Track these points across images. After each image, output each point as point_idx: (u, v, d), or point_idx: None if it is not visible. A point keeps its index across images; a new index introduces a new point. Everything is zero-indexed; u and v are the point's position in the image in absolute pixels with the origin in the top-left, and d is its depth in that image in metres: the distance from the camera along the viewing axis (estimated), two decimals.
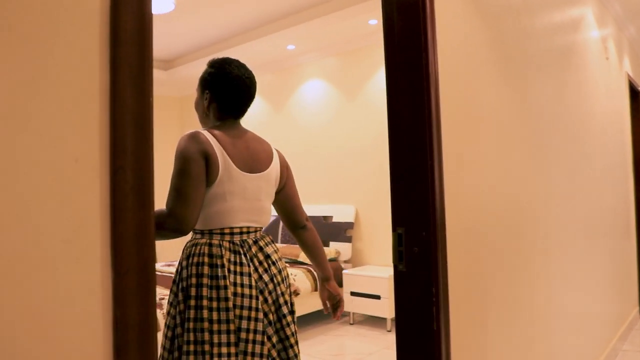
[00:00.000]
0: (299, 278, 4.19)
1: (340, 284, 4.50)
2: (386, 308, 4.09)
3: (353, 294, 4.32)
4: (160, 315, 3.07)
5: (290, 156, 5.51)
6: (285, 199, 1.86)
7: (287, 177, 1.86)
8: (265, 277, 1.63)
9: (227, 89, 1.72)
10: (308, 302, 4.28)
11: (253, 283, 1.58)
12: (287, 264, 4.58)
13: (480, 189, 1.68)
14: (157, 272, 4.47)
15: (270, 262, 1.67)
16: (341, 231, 4.78)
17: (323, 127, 5.18)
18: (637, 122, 4.66)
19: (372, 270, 4.36)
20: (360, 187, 4.83)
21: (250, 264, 1.61)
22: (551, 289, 2.25)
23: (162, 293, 3.48)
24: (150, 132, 0.76)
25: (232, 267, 1.58)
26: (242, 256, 1.60)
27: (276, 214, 1.96)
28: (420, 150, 1.37)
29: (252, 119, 5.96)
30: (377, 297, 4.14)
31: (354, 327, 4.34)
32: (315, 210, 5.12)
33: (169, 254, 6.68)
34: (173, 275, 1.67)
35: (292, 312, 1.73)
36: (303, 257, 4.57)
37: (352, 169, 4.90)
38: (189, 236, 1.68)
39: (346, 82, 4.97)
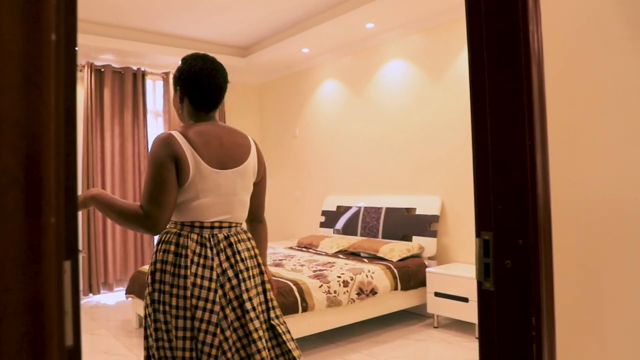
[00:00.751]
0: (377, 275, 3.85)
1: (423, 283, 4.11)
2: (475, 312, 3.64)
3: (437, 294, 3.90)
4: None
5: (370, 142, 5.15)
6: (257, 193, 1.95)
7: (263, 172, 1.93)
8: (230, 273, 1.69)
9: (193, 83, 1.76)
10: (387, 301, 3.93)
11: (214, 276, 1.66)
12: (365, 260, 4.32)
13: (603, 182, 1.25)
14: None
15: (238, 258, 1.72)
16: (425, 225, 4.36)
17: (406, 110, 4.77)
18: None
19: (459, 269, 3.92)
20: (446, 177, 4.37)
21: (216, 257, 1.68)
22: None
23: None
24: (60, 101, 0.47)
25: (195, 259, 1.66)
26: (208, 249, 1.68)
27: None
28: (516, 125, 0.99)
29: (332, 104, 5.68)
30: (465, 300, 3.70)
31: (439, 331, 3.93)
32: (397, 201, 4.73)
33: None
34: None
35: (268, 309, 1.79)
36: (383, 251, 4.22)
37: (438, 157, 4.45)
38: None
39: (430, 61, 4.51)
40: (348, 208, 5.26)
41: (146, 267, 4.26)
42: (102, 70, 5.50)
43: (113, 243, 5.49)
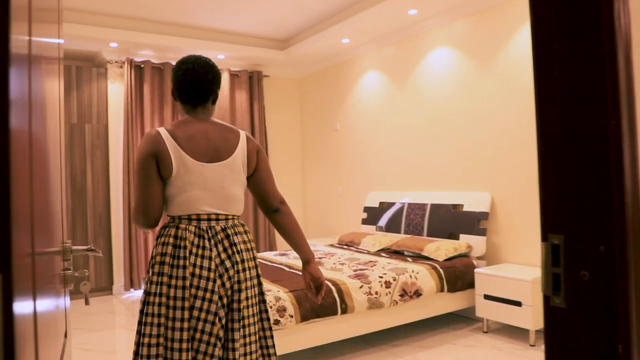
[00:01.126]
0: (422, 276, 3.63)
1: (472, 284, 3.85)
2: (529, 318, 3.36)
3: (487, 297, 3.64)
4: None
5: (415, 135, 4.90)
6: (257, 183, 1.95)
7: (258, 162, 1.94)
8: (227, 263, 1.75)
9: (177, 80, 1.87)
10: (433, 304, 3.70)
11: (212, 266, 1.72)
12: (408, 259, 4.09)
13: None
14: (267, 262, 4.25)
15: (235, 250, 1.78)
16: (474, 222, 4.09)
17: (452, 101, 4.50)
18: None
19: (511, 271, 3.64)
20: (497, 171, 4.09)
21: (214, 248, 1.75)
22: None
23: (266, 288, 3.17)
24: None
25: (194, 250, 1.73)
26: (206, 240, 1.75)
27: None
28: (596, 100, 0.77)
29: (373, 96, 5.47)
30: (517, 304, 3.42)
31: (488, 336, 3.66)
32: (443, 197, 4.48)
33: (284, 243, 6.50)
34: (282, 266, 2.20)
35: (259, 302, 1.85)
36: (428, 250, 3.99)
37: (488, 150, 4.17)
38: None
39: (478, 47, 4.22)
40: (391, 204, 5.04)
41: None
42: (142, 66, 5.49)
43: (154, 238, 5.49)
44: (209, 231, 1.76)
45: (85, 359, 3.45)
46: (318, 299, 2.01)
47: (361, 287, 3.36)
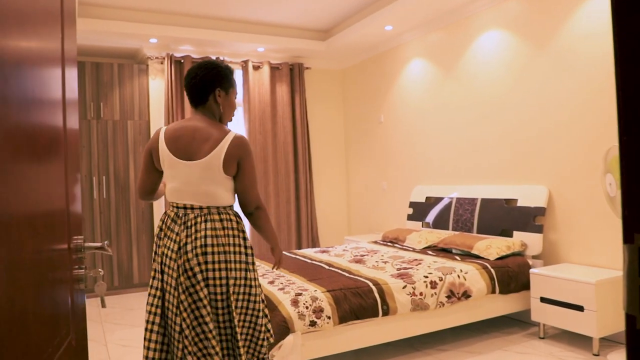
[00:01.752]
0: (471, 276, 3.36)
1: (526, 286, 3.55)
2: (592, 324, 3.04)
3: (544, 300, 3.33)
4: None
5: (464, 126, 4.57)
6: (236, 188, 2.10)
7: (240, 169, 2.06)
8: (188, 247, 1.96)
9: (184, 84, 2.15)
10: (483, 306, 3.43)
11: (175, 248, 1.98)
12: (457, 257, 3.83)
13: None
14: (306, 259, 4.09)
15: (199, 235, 1.97)
16: (528, 218, 3.78)
17: (504, 88, 4.18)
18: None
19: (571, 271, 3.31)
20: (555, 162, 3.75)
21: (182, 233, 1.98)
22: None
23: (302, 287, 3.01)
24: None
25: (167, 232, 2.03)
26: (176, 225, 2.01)
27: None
28: None
29: (419, 86, 5.20)
30: (579, 309, 3.11)
31: (545, 342, 3.36)
32: (495, 191, 4.17)
33: (331, 240, 6.33)
34: (322, 264, 3.12)
35: (228, 284, 1.99)
36: (478, 248, 3.72)
37: (544, 139, 3.83)
38: None
39: (532, 28, 3.89)
40: (439, 199, 4.77)
41: None
42: (182, 61, 5.45)
43: None
44: (183, 217, 2.01)
45: (121, 354, 3.41)
46: (274, 268, 2.34)
47: (404, 287, 3.14)
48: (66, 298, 1.08)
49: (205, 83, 2.06)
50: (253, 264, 2.07)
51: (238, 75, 5.88)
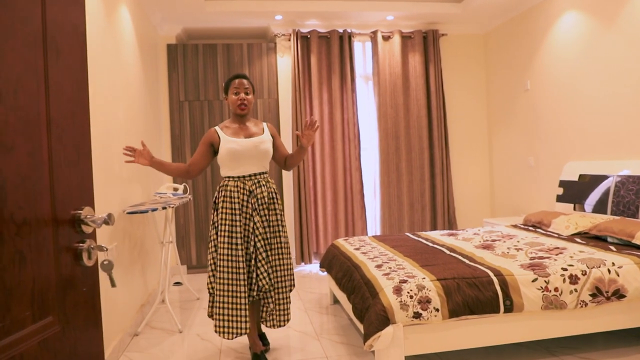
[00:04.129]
0: (627, 271, 2.71)
1: None
2: None
3: None
4: None
5: (629, 89, 3.76)
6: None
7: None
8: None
9: None
10: None
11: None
12: (612, 248, 3.14)
13: None
14: (427, 242, 3.73)
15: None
16: None
17: None
18: None
19: None
20: None
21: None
22: None
23: (410, 274, 2.72)
24: None
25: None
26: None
27: None
28: None
29: (573, 45, 4.40)
30: None
31: None
32: None
33: (469, 222, 5.80)
34: (443, 248, 3.31)
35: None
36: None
37: None
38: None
39: None
40: (595, 177, 4.01)
41: (342, 240, 3.96)
42: (308, 36, 5.37)
43: (324, 214, 5.40)
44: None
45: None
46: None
47: (535, 280, 2.65)
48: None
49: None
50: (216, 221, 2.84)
51: (368, 48, 5.61)
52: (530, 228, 4.08)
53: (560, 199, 4.40)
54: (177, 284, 4.84)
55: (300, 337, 3.30)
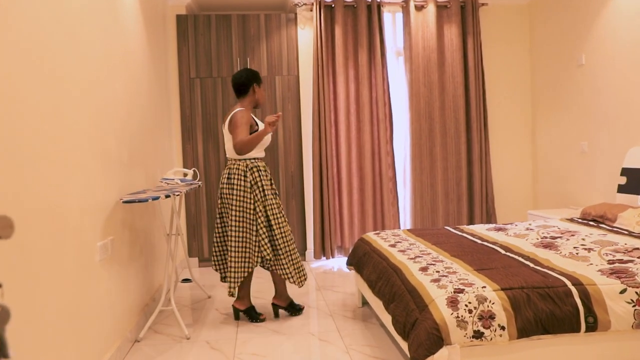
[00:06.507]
0: None
1: None
2: None
3: None
4: None
5: None
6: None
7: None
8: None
9: None
10: None
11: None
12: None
13: None
14: (476, 239, 3.21)
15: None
16: None
17: None
18: None
19: None
20: None
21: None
22: None
23: (467, 282, 2.20)
24: None
25: None
26: None
27: None
28: None
29: (637, 10, 3.80)
30: None
31: None
32: None
33: (510, 215, 5.25)
34: (495, 247, 2.85)
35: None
36: None
37: None
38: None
39: None
40: None
41: (372, 234, 3.45)
42: (333, 5, 4.82)
43: (349, 204, 4.89)
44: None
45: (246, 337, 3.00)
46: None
47: (623, 291, 2.11)
48: None
49: (241, 83, 3.28)
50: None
51: (398, 19, 5.05)
52: (592, 223, 3.52)
53: (622, 189, 3.82)
54: (186, 280, 4.38)
55: (325, 348, 2.80)
